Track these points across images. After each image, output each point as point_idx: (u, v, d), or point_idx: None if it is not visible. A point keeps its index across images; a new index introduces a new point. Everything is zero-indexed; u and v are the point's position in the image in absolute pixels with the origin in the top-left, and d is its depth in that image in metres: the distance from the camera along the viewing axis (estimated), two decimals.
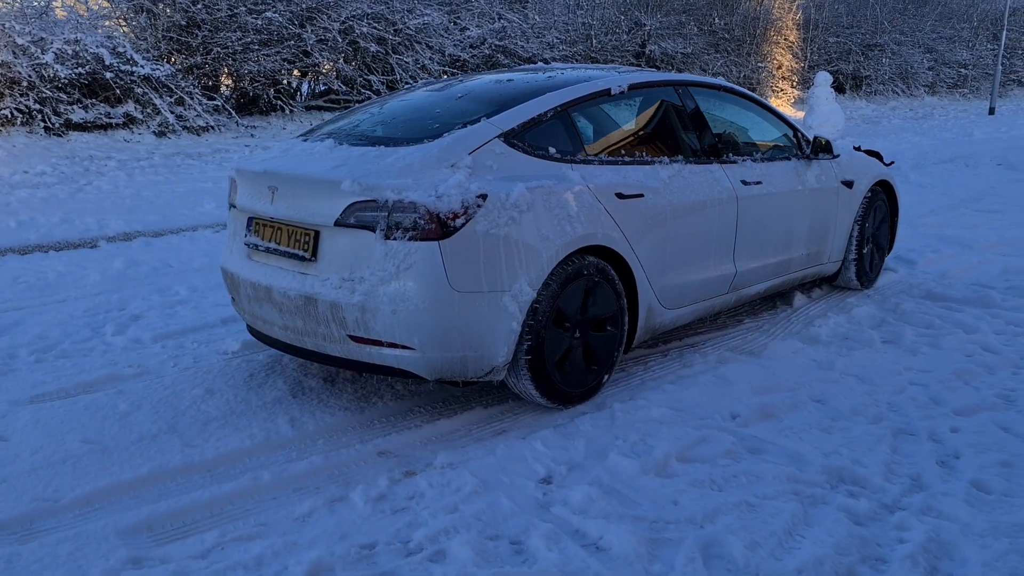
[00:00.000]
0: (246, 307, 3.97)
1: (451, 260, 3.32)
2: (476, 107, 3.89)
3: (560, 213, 3.61)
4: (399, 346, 3.41)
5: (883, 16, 24.55)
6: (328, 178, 3.50)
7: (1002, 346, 4.50)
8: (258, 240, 3.83)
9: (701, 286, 4.43)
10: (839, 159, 5.48)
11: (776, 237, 4.91)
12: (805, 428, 3.43)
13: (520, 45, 16.08)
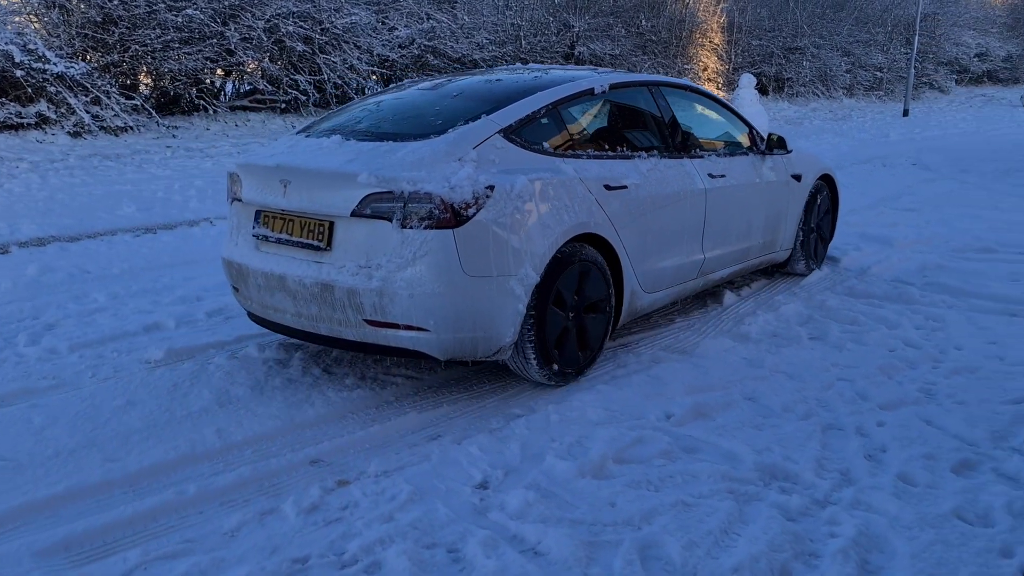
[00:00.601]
0: (255, 296, 4.09)
1: (464, 247, 3.55)
2: (474, 105, 4.11)
3: (558, 203, 3.89)
4: (415, 328, 3.62)
5: (803, 20, 25.22)
6: (344, 171, 3.68)
7: (922, 341, 4.64)
8: (268, 232, 3.98)
9: (675, 271, 4.76)
10: (789, 155, 5.88)
11: (738, 226, 5.28)
12: (738, 426, 3.47)
13: (450, 46, 16.01)
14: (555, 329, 3.91)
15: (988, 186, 10.62)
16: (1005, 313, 5.15)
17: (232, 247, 4.24)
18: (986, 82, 34.56)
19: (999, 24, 34.45)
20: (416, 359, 3.93)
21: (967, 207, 9.01)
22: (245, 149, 12.41)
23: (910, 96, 25.20)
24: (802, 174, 5.98)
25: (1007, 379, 3.98)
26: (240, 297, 4.30)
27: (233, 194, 4.28)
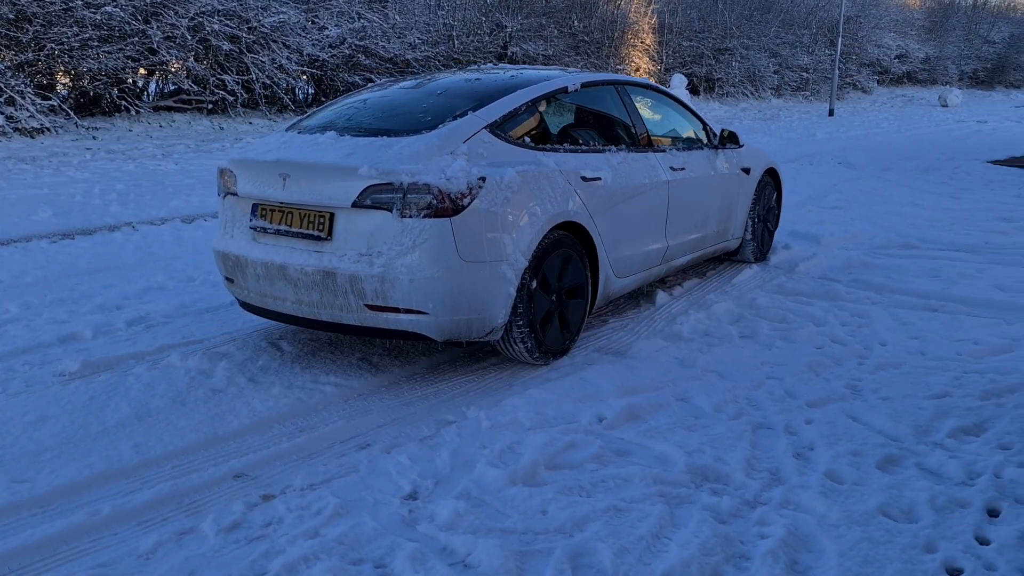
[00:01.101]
0: (252, 286, 4.25)
1: (460, 234, 3.81)
2: (459, 102, 4.35)
3: (542, 193, 4.17)
4: (415, 311, 3.84)
5: (731, 22, 25.69)
6: (345, 164, 3.88)
7: (848, 337, 4.72)
8: (266, 224, 4.14)
9: (643, 258, 5.07)
10: (739, 149, 6.28)
11: (696, 216, 5.62)
12: (670, 428, 3.46)
13: (382, 46, 15.83)
14: (541, 311, 4.20)
15: (909, 183, 10.93)
16: (927, 308, 5.27)
17: (227, 239, 4.36)
18: (906, 83, 35.70)
19: (917, 27, 35.61)
20: (414, 341, 4.16)
21: (890, 204, 9.26)
22: (170, 151, 12.07)
23: (835, 96, 25.87)
24: (751, 167, 6.37)
25: (929, 374, 4.07)
26: (235, 288, 4.43)
27: (226, 189, 4.40)
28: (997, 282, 5.86)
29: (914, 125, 21.83)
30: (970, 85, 38.93)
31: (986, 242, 7.26)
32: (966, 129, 20.15)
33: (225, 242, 4.37)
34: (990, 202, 9.42)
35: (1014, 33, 41.75)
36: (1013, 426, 3.44)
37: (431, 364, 4.39)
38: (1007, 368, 4.12)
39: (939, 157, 13.75)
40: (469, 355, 4.50)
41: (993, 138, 17.57)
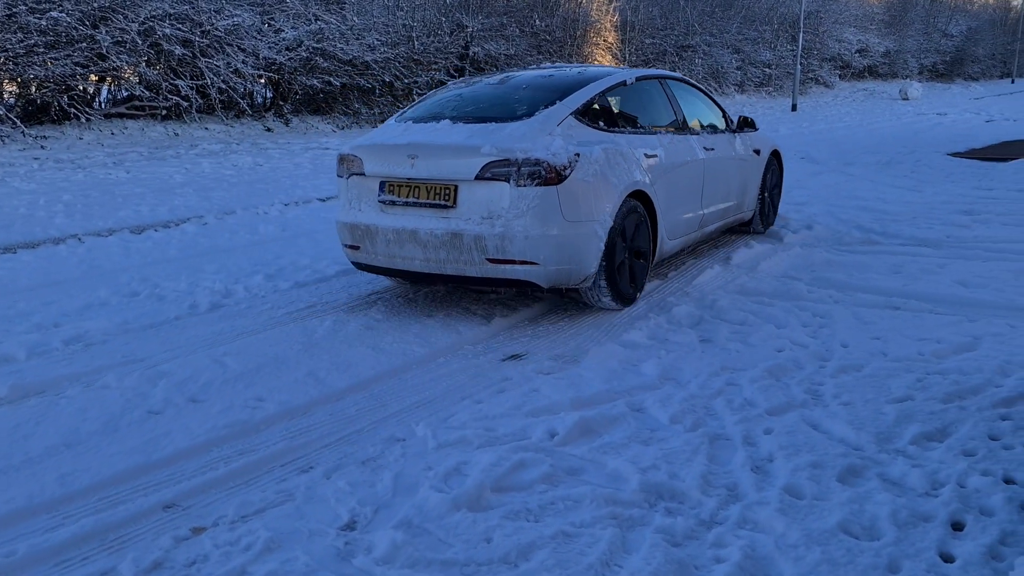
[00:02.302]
0: (382, 250, 5.06)
1: (563, 199, 4.70)
2: (545, 94, 5.24)
3: (620, 167, 5.08)
4: (528, 263, 4.71)
5: (693, 19, 25.71)
6: (468, 145, 4.74)
7: (809, 339, 4.61)
8: (395, 197, 4.97)
9: (687, 224, 6.01)
10: (752, 133, 7.18)
11: (722, 190, 6.54)
12: (624, 442, 3.32)
13: (340, 47, 15.58)
14: (618, 264, 5.08)
15: (872, 177, 10.92)
16: (888, 307, 5.19)
17: (354, 213, 5.17)
18: (867, 77, 36.01)
19: (877, 21, 35.93)
20: (523, 288, 4.95)
21: (852, 199, 9.21)
22: (122, 159, 11.75)
23: (797, 91, 25.99)
24: (760, 149, 7.32)
25: (890, 376, 3.96)
26: (360, 253, 5.22)
27: (349, 171, 5.20)
28: (959, 278, 5.79)
29: (875, 119, 21.97)
30: (930, 78, 39.37)
31: (947, 236, 7.22)
32: (926, 122, 20.29)
33: (352, 215, 5.18)
34: (951, 195, 9.41)
35: (971, 26, 42.32)
36: (976, 431, 3.34)
37: (378, 375, 4.21)
38: (969, 368, 4.03)
39: (900, 150, 13.78)
40: (422, 363, 4.33)
41: (953, 130, 17.69)
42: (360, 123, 16.82)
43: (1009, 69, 44.78)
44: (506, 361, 4.43)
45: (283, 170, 11.57)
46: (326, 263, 6.48)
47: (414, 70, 17.54)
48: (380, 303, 5.50)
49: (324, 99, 16.57)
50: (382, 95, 17.15)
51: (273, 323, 5.08)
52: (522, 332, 4.92)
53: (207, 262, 6.57)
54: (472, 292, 5.69)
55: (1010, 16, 46.10)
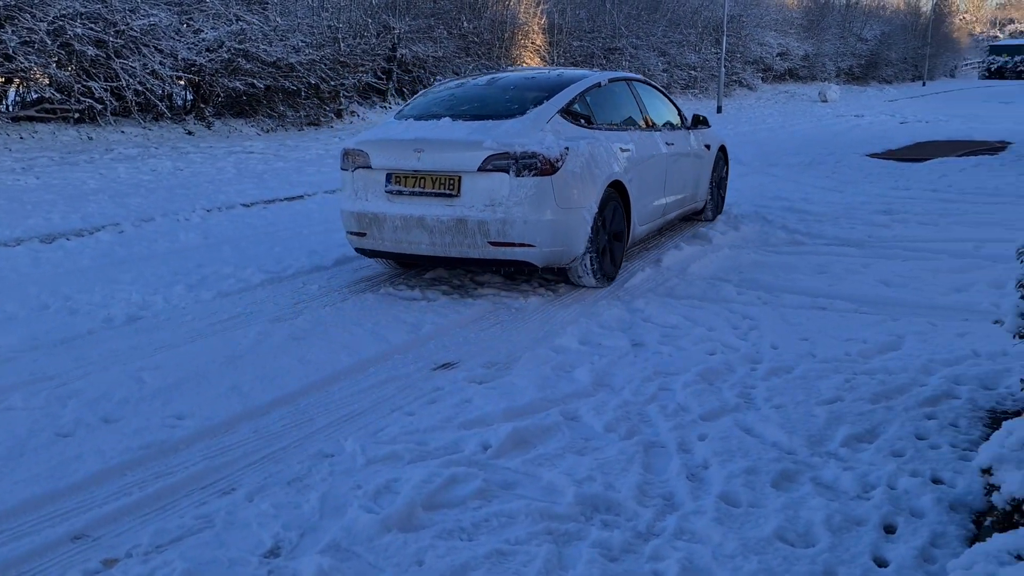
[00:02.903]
0: (389, 236, 5.55)
1: (557, 188, 5.29)
2: (532, 94, 5.82)
3: (602, 159, 5.71)
4: (526, 245, 5.28)
5: (620, 22, 25.96)
6: (471, 139, 5.31)
7: (740, 342, 4.64)
8: (401, 188, 5.49)
9: (653, 211, 6.67)
10: (704, 129, 7.89)
11: (681, 181, 7.23)
12: (559, 453, 3.26)
13: (263, 49, 15.21)
14: (601, 246, 5.70)
15: (795, 178, 11.14)
16: (815, 307, 5.26)
17: (361, 202, 5.65)
18: (788, 79, 36.93)
19: (796, 25, 36.89)
20: (520, 268, 5.51)
21: (777, 200, 9.37)
22: (31, 164, 11.22)
23: (722, 93, 26.47)
24: (710, 144, 8.05)
25: (820, 378, 4.00)
26: (367, 240, 5.69)
27: (355, 164, 5.69)
28: (882, 277, 5.92)
29: (797, 120, 22.51)
30: (847, 81, 40.61)
31: (869, 236, 7.39)
32: (845, 123, 20.88)
33: (359, 204, 5.66)
34: (870, 195, 9.66)
35: (884, 31, 43.79)
36: (904, 430, 3.38)
37: (305, 387, 4.07)
38: (895, 367, 4.10)
39: (821, 151, 14.12)
40: (350, 374, 4.20)
41: (869, 132, 18.23)
42: (286, 126, 16.47)
43: (920, 72, 46.50)
44: (437, 370, 4.34)
45: (205, 175, 11.23)
46: (251, 271, 6.27)
47: (341, 72, 17.24)
48: (307, 312, 5.34)
49: (248, 102, 16.16)
50: (308, 97, 16.82)
51: (194, 336, 4.88)
52: (453, 339, 4.84)
53: (123, 272, 6.29)
54: (403, 303, 5.58)
55: (920, 21, 47.84)
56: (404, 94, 19.92)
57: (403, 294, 5.73)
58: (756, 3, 34.48)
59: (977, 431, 3.39)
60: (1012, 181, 10.29)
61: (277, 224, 8.22)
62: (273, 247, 7.16)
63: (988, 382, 3.89)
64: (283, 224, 8.21)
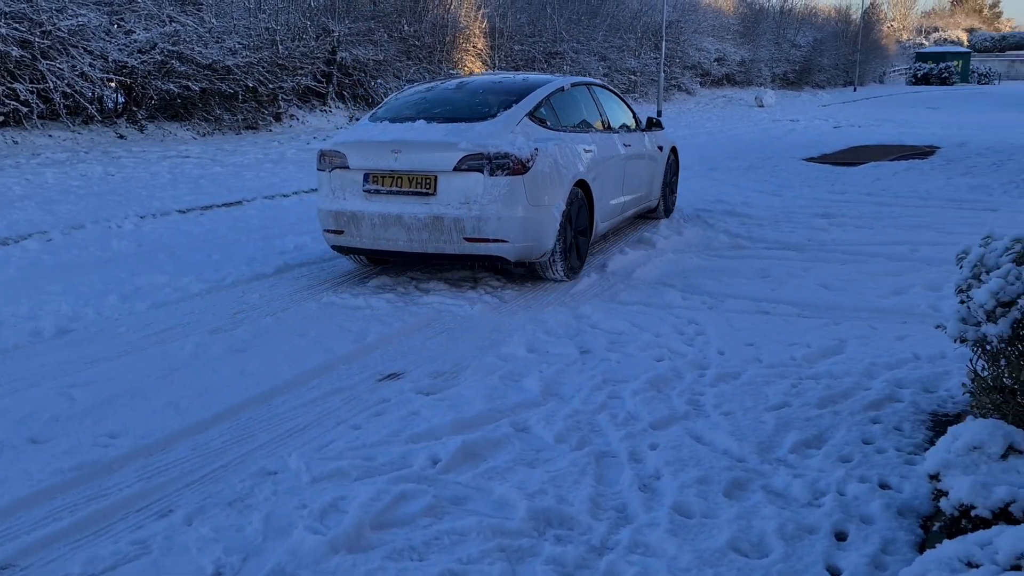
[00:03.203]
0: (367, 233, 5.76)
1: (528, 187, 5.57)
2: (501, 98, 6.08)
3: (568, 160, 6.04)
4: (500, 240, 5.55)
5: (561, 26, 26.09)
6: (447, 141, 5.55)
7: (686, 347, 4.64)
8: (379, 187, 5.71)
9: (613, 209, 7.01)
10: (657, 132, 8.30)
11: (637, 180, 7.58)
12: (510, 466, 3.20)
13: (198, 51, 14.86)
14: (568, 241, 6.02)
15: (735, 182, 11.29)
16: (759, 312, 5.30)
17: (339, 201, 5.85)
18: (726, 84, 37.57)
19: (733, 31, 37.56)
20: (493, 263, 5.80)
21: (719, 203, 9.47)
22: None
23: (662, 98, 26.77)
24: (663, 146, 8.43)
25: (767, 384, 4.02)
26: (344, 237, 5.89)
27: (332, 165, 5.89)
28: (822, 281, 6.01)
29: (735, 125, 22.88)
30: (781, 86, 41.48)
31: (809, 239, 7.51)
32: (781, 128, 21.29)
33: (337, 203, 5.86)
34: (809, 199, 9.83)
35: (817, 37, 44.86)
36: (850, 435, 3.41)
37: (246, 401, 3.94)
38: (839, 372, 4.14)
39: (759, 155, 14.36)
40: (293, 386, 4.08)
41: (805, 136, 18.62)
42: (223, 130, 16.12)
43: (851, 78, 47.74)
44: (383, 381, 4.25)
45: (138, 180, 10.90)
46: (188, 280, 6.08)
47: (279, 75, 16.95)
48: (247, 323, 5.19)
49: (183, 105, 15.77)
50: (246, 100, 16.49)
51: (128, 349, 4.70)
52: (398, 348, 4.75)
53: (52, 282, 6.04)
54: (346, 311, 5.46)
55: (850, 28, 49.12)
56: (344, 98, 19.68)
57: (346, 303, 5.62)
58: (694, 9, 35.01)
59: (921, 434, 3.43)
60: (942, 185, 10.59)
61: (215, 231, 8.01)
62: (211, 255, 6.96)
63: (929, 385, 3.95)
64: (221, 231, 8.00)
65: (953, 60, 53.83)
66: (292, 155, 13.88)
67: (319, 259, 6.91)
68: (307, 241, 7.48)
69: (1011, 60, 69.21)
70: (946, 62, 52.97)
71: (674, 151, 8.88)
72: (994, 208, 8.92)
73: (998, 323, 2.93)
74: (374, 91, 19.93)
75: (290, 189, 10.48)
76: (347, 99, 19.73)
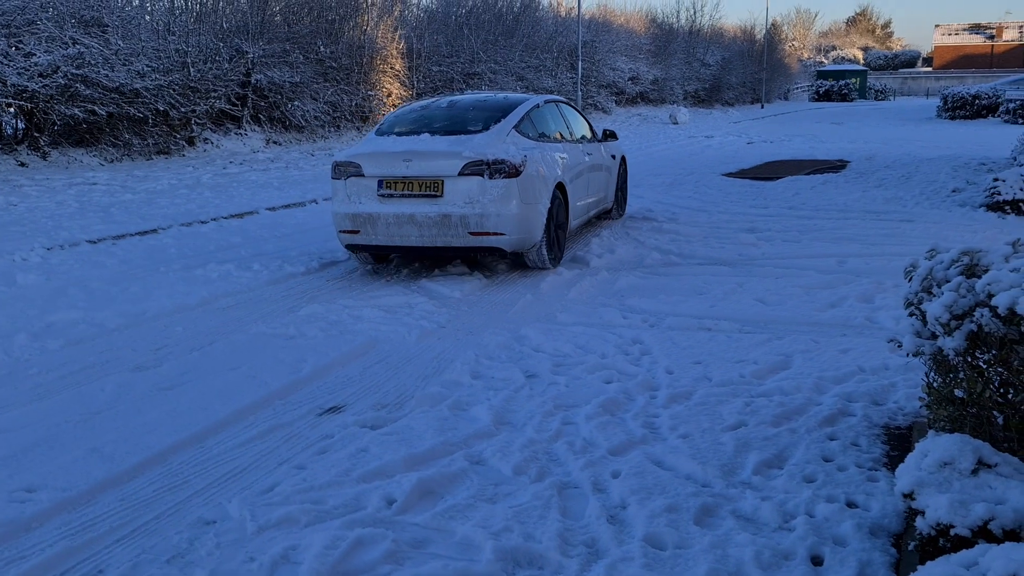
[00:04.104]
0: (382, 232, 6.67)
1: (521, 188, 6.57)
2: (490, 114, 7.21)
3: (550, 165, 7.14)
4: (499, 234, 6.52)
5: (478, 47, 26.12)
6: (452, 150, 6.56)
7: (634, 368, 4.58)
8: (392, 191, 6.61)
9: (582, 208, 8.16)
10: (611, 142, 9.43)
11: (597, 185, 8.73)
12: (470, 503, 3.04)
13: (104, 74, 14.27)
14: (551, 235, 7.02)
15: (660, 199, 11.38)
16: (701, 328, 5.29)
17: (355, 205, 6.73)
18: (640, 102, 38.24)
19: (645, 51, 38.27)
20: (492, 254, 6.85)
21: (646, 221, 9.51)
22: None
23: None
24: (616, 154, 9.56)
25: (720, 403, 3.97)
26: (360, 236, 6.78)
27: (348, 173, 6.78)
28: (758, 295, 6.04)
29: (652, 142, 23.24)
30: (694, 104, 42.45)
31: (739, 254, 7.58)
32: (697, 144, 21.72)
33: (353, 206, 6.74)
34: (733, 214, 9.96)
35: (725, 56, 46.16)
36: (810, 453, 3.38)
37: (177, 443, 3.69)
38: (789, 388, 4.13)
39: (681, 172, 14.56)
40: (228, 424, 3.84)
41: (721, 152, 19.03)
42: (133, 156, 15.50)
43: (758, 95, 49.22)
44: (324, 415, 4.06)
45: (43, 209, 10.34)
46: (105, 315, 5.74)
47: (192, 98, 16.42)
48: (173, 358, 4.91)
49: (88, 130, 15.11)
50: (156, 125, 15.91)
51: (43, 392, 4.38)
52: (336, 379, 4.56)
53: None
54: (279, 342, 5.22)
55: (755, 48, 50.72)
56: (260, 121, 19.21)
57: (278, 332, 5.38)
58: (607, 29, 35.57)
59: (878, 449, 3.43)
60: (858, 198, 10.90)
61: (130, 261, 7.62)
62: (128, 287, 6.61)
63: (878, 398, 3.97)
64: (137, 261, 7.62)
65: (852, 78, 56.13)
66: (208, 180, 13.43)
67: (246, 288, 6.63)
68: (231, 269, 7.18)
69: (904, 77, 72.74)
70: (845, 79, 55.17)
71: (623, 160, 9.94)
72: (910, 219, 9.21)
73: (954, 336, 2.93)
74: (291, 114, 19.53)
75: (207, 215, 10.10)
76: (263, 122, 19.27)
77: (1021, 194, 9.33)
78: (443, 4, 27.37)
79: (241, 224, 9.73)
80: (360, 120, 21.84)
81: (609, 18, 37.68)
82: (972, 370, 3.00)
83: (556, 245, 7.18)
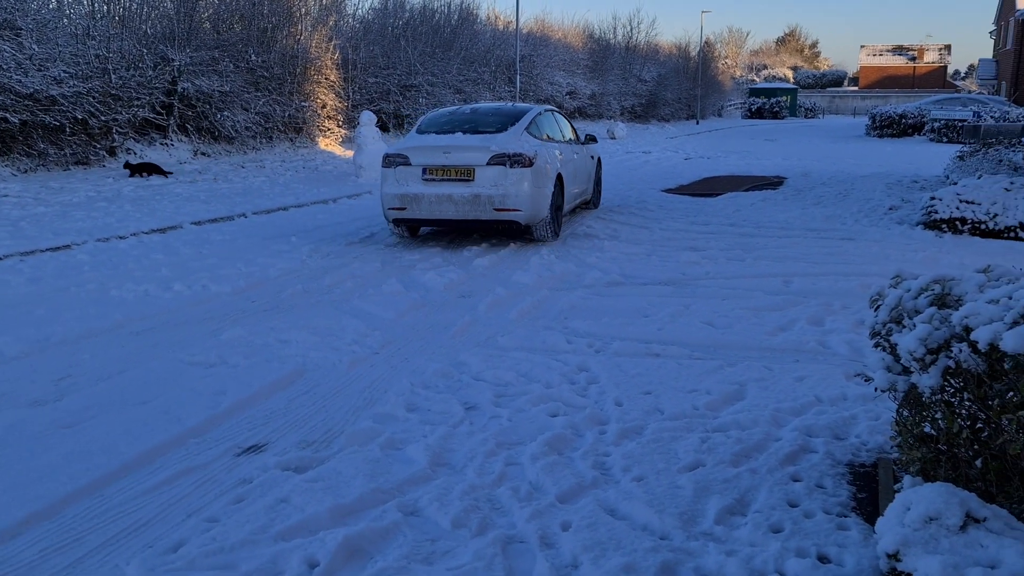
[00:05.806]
0: (425, 208, 8.62)
1: (533, 175, 8.54)
2: (504, 119, 9.20)
3: (552, 159, 9.15)
4: (516, 210, 8.47)
5: (415, 59, 25.73)
6: (482, 145, 8.58)
7: (580, 399, 4.29)
8: (433, 176, 8.57)
9: (572, 196, 10.18)
10: (593, 144, 11.49)
11: (581, 178, 10.68)
12: (403, 564, 2.70)
13: (17, 80, 13.50)
14: (553, 214, 9.01)
15: (602, 216, 11.19)
16: (649, 354, 5.04)
17: (403, 187, 8.64)
18: (578, 117, 38.29)
19: (583, 66, 38.39)
20: (511, 225, 8.60)
21: (587, 238, 9.29)
22: None
23: None
24: (594, 155, 11.57)
25: (674, 439, 3.70)
26: (406, 212, 8.71)
27: (396, 163, 8.70)
28: (705, 318, 5.83)
29: None
30: (630, 119, 42.73)
31: (683, 274, 7.39)
32: (636, 159, 21.71)
33: (401, 188, 8.63)
34: (675, 231, 9.81)
35: (660, 73, 46.63)
36: (773, 497, 3.13)
37: (71, 493, 3.28)
38: (746, 421, 3.89)
39: (621, 187, 14.42)
40: (132, 469, 3.42)
41: (659, 168, 19.01)
42: (48, 166, 14.70)
43: (693, 111, 49.87)
44: (243, 455, 3.68)
45: None
46: (4, 341, 5.23)
47: (113, 106, 15.67)
48: (76, 391, 4.45)
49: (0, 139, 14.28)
50: (75, 134, 15.13)
51: None
52: (259, 412, 4.17)
53: None
54: (197, 371, 4.78)
55: (690, 65, 51.43)
56: (188, 130, 18.49)
57: (197, 359, 4.96)
58: (545, 43, 35.54)
59: (844, 491, 3.20)
60: (797, 215, 10.87)
61: (38, 280, 7.06)
62: (33, 309, 6.08)
63: (839, 431, 3.76)
64: (46, 280, 7.06)
65: (783, 95, 57.33)
66: (129, 192, 12.77)
67: (164, 310, 6.16)
68: (151, 288, 6.70)
69: (832, 96, 74.75)
70: (776, 97, 56.31)
71: (599, 161, 11.98)
72: (851, 238, 9.17)
73: (930, 372, 2.72)
74: (220, 124, 18.83)
75: (127, 230, 9.51)
76: (191, 132, 18.56)
77: (957, 212, 9.39)
78: (379, 15, 26.94)
79: (164, 239, 9.20)
80: (294, 131, 21.23)
81: (547, 32, 37.66)
82: (948, 408, 2.79)
83: (556, 222, 9.14)
